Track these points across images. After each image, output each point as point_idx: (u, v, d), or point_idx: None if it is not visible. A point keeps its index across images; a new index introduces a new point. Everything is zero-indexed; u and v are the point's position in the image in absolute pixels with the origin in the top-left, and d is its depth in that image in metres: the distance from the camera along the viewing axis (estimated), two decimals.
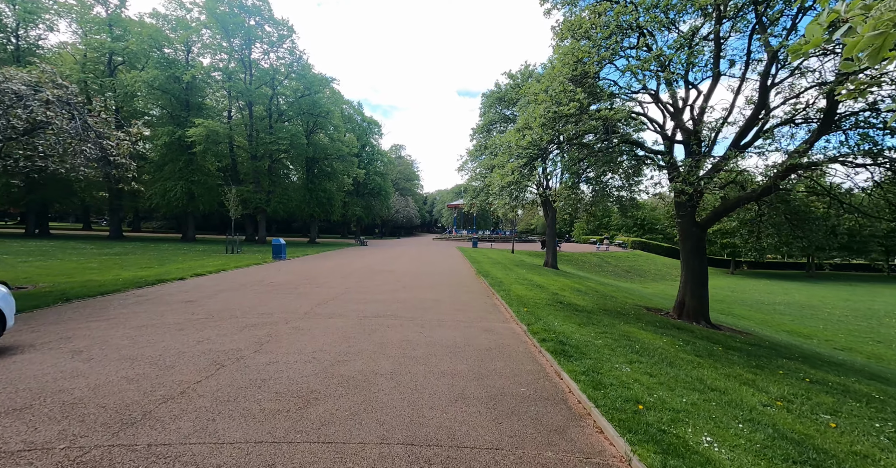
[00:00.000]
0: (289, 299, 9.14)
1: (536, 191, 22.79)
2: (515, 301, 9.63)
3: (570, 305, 9.83)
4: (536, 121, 8.07)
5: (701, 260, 10.64)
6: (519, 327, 7.19)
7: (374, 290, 10.80)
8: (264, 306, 8.25)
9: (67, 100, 9.53)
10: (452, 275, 15.29)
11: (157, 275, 12.60)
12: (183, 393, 3.88)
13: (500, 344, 6.08)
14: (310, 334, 6.18)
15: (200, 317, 7.10)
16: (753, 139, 10.22)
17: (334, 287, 11.24)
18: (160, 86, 30.75)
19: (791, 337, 15.21)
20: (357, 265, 17.92)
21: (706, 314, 10.63)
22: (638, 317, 9.63)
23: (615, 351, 5.79)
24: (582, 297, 11.75)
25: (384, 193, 61.72)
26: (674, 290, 31.92)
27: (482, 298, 10.23)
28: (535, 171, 8.90)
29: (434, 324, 7.10)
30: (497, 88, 23.51)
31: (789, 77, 9.92)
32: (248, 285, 11.22)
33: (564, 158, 9.04)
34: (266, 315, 7.43)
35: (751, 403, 4.23)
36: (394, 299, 9.55)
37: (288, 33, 35.82)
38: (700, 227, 10.58)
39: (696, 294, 10.62)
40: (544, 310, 8.76)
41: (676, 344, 6.93)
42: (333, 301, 9.07)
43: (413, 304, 8.95)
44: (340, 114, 50.62)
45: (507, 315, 8.29)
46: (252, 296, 9.38)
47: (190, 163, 33.00)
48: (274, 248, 20.58)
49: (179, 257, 20.07)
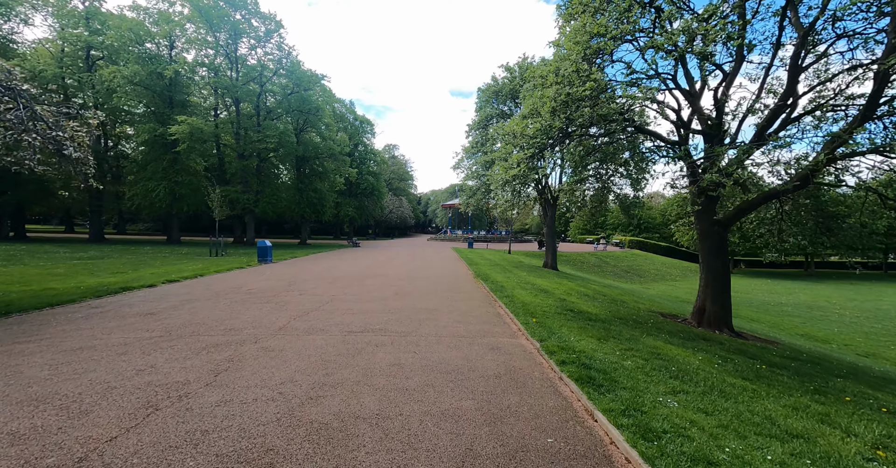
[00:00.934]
0: (265, 310, 8.04)
1: (535, 188, 21.80)
2: (521, 309, 8.61)
3: (582, 314, 8.82)
4: (546, 106, 7.06)
5: (723, 261, 9.69)
6: (530, 343, 6.16)
7: (363, 298, 9.72)
8: (235, 319, 7.15)
9: (10, 85, 8.36)
10: (449, 279, 14.25)
11: (126, 281, 11.43)
12: (82, 460, 2.79)
13: (510, 367, 5.04)
14: (280, 358, 5.10)
15: (155, 336, 5.99)
16: (779, 129, 9.29)
17: (319, 294, 10.15)
18: (141, 81, 29.39)
19: (810, 341, 14.33)
20: (347, 269, 16.82)
21: (729, 321, 9.68)
22: (658, 326, 8.64)
23: (651, 376, 4.78)
24: (591, 304, 10.75)
25: (377, 193, 60.58)
26: (676, 291, 31.13)
27: (484, 306, 9.19)
28: (545, 164, 7.90)
29: (431, 342, 6.04)
30: (494, 82, 22.48)
31: (820, 59, 9.02)
32: (224, 293, 10.10)
33: (573, 150, 7.99)
34: (234, 331, 6.34)
35: (849, 456, 3.23)
36: (385, 309, 8.48)
37: (275, 28, 34.60)
38: (722, 224, 9.62)
39: (718, 299, 9.66)
40: (555, 320, 7.75)
41: (714, 362, 5.94)
42: (316, 312, 7.98)
43: (406, 315, 7.89)
44: (332, 112, 49.40)
45: (513, 327, 7.26)
46: (224, 307, 8.27)
47: (174, 162, 31.65)
48: (259, 251, 19.41)
49: (158, 261, 18.85)
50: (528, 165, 7.80)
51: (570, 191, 10.13)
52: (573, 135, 7.77)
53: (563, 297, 10.93)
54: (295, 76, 35.74)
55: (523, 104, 8.95)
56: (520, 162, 7.71)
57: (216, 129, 33.10)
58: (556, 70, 7.20)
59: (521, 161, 7.70)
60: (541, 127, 7.17)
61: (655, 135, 9.03)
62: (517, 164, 7.73)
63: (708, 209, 9.64)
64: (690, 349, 6.58)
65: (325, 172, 40.55)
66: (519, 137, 7.90)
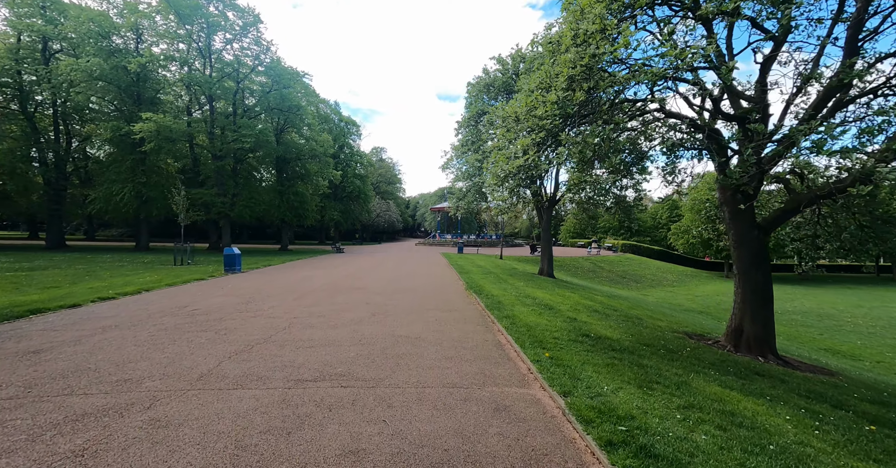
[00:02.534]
0: (196, 343, 6.16)
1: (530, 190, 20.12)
2: (527, 335, 6.87)
3: (601, 340, 7.11)
4: (561, 75, 5.38)
5: (764, 272, 8.07)
6: (550, 399, 4.40)
7: (330, 322, 7.88)
8: (144, 361, 5.26)
9: None
10: (438, 291, 12.46)
11: (47, 300, 9.41)
12: None
13: (530, 453, 3.28)
14: (170, 444, 3.26)
15: (3, 397, 4.10)
16: (829, 115, 7.74)
17: (277, 316, 8.28)
18: (103, 75, 27.10)
19: (839, 358, 12.87)
20: (322, 279, 14.92)
21: (773, 343, 8.06)
22: (696, 356, 6.96)
23: (741, 460, 3.07)
24: (606, 323, 9.06)
25: (364, 197, 58.64)
26: (676, 298, 29.73)
27: (480, 332, 7.42)
28: (560, 150, 6.19)
29: (409, 399, 4.25)
30: (485, 75, 20.81)
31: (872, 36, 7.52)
32: (159, 315, 8.17)
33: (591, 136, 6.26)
34: (128, 384, 4.47)
35: None
36: (354, 338, 6.66)
37: (253, 22, 32.55)
38: (762, 229, 8.03)
39: (758, 317, 8.03)
40: (572, 351, 6.02)
41: (808, 423, 4.26)
42: (262, 345, 6.13)
43: (381, 348, 6.08)
44: (316, 113, 47.47)
45: (522, 366, 5.50)
46: (144, 339, 6.36)
47: (140, 163, 29.35)
48: (226, 259, 17.36)
49: (109, 272, 16.72)
50: (536, 153, 6.08)
51: (578, 189, 8.57)
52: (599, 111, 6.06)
53: (573, 316, 9.22)
54: (274, 73, 33.71)
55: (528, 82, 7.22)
56: (526, 149, 6.00)
57: (189, 127, 30.87)
58: (573, 31, 5.52)
59: (527, 147, 5.98)
60: (556, 100, 5.47)
61: (684, 118, 7.34)
62: (523, 153, 6.02)
63: (745, 211, 8.04)
64: (762, 399, 4.90)
65: (308, 174, 38.50)
66: (524, 120, 6.21)
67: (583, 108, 5.96)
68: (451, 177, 23.40)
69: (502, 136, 7.45)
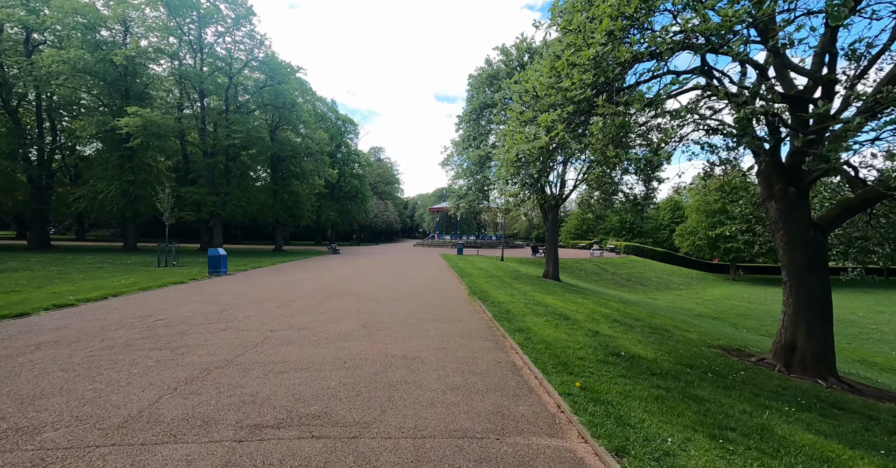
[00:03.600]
0: (142, 367, 4.97)
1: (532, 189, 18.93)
2: (546, 355, 5.70)
3: (636, 361, 5.93)
4: (602, 25, 4.18)
5: (822, 279, 6.90)
6: (598, 460, 3.21)
7: (312, 336, 6.69)
8: (62, 395, 4.06)
9: None
10: (438, 297, 11.28)
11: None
12: None
13: None
14: None
15: None
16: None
17: (251, 329, 7.08)
18: (88, 68, 25.87)
19: (878, 372, 11.73)
20: (312, 283, 13.72)
21: (832, 363, 6.89)
22: (753, 381, 5.79)
23: None
24: (633, 337, 7.88)
25: (361, 197, 57.43)
26: (685, 302, 28.51)
27: (490, 349, 6.24)
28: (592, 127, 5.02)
29: (405, 461, 3.07)
30: (487, 65, 19.60)
31: None
32: (113, 328, 6.97)
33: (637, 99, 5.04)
34: (18, 437, 3.27)
35: None
36: (338, 359, 5.47)
37: (246, 14, 31.33)
38: (820, 230, 6.87)
39: (815, 332, 6.86)
40: (607, 377, 4.86)
41: None
42: (223, 369, 4.94)
43: (369, 376, 4.90)
44: (312, 110, 46.32)
45: (549, 401, 4.32)
46: (79, 361, 5.17)
47: (128, 160, 28.09)
48: (210, 261, 16.16)
49: (83, 274, 15.49)
50: (567, 131, 4.86)
51: (598, 186, 7.47)
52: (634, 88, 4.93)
53: (593, 328, 8.04)
54: (268, 68, 32.49)
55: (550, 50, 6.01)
56: (551, 125, 4.78)
57: (179, 123, 29.63)
58: None
59: (554, 124, 4.77)
60: (595, 56, 4.27)
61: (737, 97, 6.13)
62: (546, 131, 4.83)
63: (799, 208, 6.88)
64: (870, 449, 3.72)
65: (304, 173, 37.27)
66: (546, 95, 5.03)
67: (625, 71, 4.78)
68: (452, 174, 22.23)
69: (516, 119, 6.29)
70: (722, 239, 41.12)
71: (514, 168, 6.35)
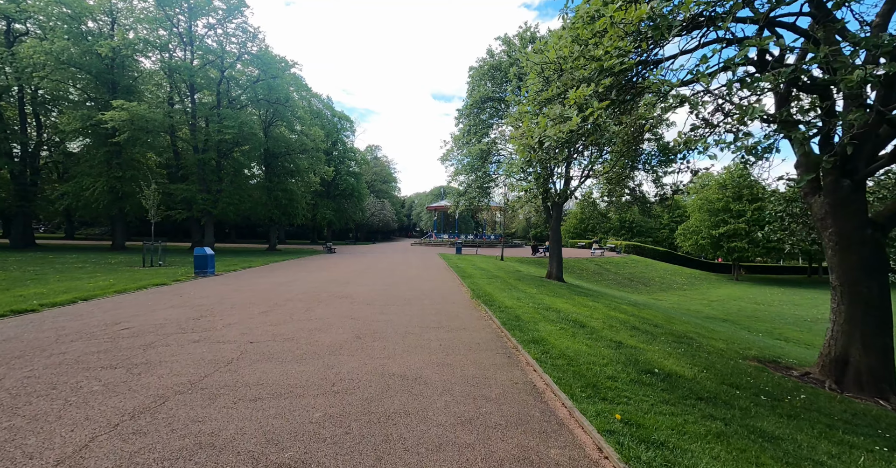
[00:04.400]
0: (85, 392, 4.07)
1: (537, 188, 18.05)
2: (571, 373, 4.85)
3: (674, 380, 5.08)
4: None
5: (881, 285, 6.07)
6: None
7: (297, 349, 5.80)
8: None
9: None
10: (439, 301, 10.41)
11: None
12: None
13: None
14: None
15: None
16: None
17: (228, 340, 6.19)
18: (72, 60, 24.83)
19: None
20: (304, 285, 12.82)
21: (892, 380, 6.06)
22: (814, 406, 4.96)
23: None
24: (660, 349, 7.03)
25: (357, 195, 56.47)
26: (691, 303, 27.70)
27: (503, 366, 5.37)
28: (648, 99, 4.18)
29: None
30: (489, 56, 18.70)
31: None
32: (69, 339, 6.06)
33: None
34: None
35: None
36: (326, 381, 4.59)
37: (238, 4, 30.31)
38: (880, 227, 6.04)
39: (874, 345, 6.03)
40: (647, 405, 4.02)
41: None
42: (184, 395, 4.05)
43: (362, 404, 4.02)
44: (308, 107, 45.30)
45: (586, 441, 3.44)
46: (11, 383, 4.26)
47: (115, 155, 27.04)
48: (196, 261, 15.22)
49: (59, 276, 14.51)
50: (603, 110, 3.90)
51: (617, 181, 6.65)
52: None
53: (614, 338, 7.19)
54: (262, 62, 31.46)
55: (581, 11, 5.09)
56: (585, 102, 3.86)
57: (168, 118, 28.59)
58: None
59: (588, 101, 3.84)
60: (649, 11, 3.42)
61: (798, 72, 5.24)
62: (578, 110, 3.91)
63: (853, 202, 6.05)
64: None
65: (298, 170, 36.33)
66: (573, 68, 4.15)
67: (690, 25, 3.89)
68: (451, 170, 21.33)
69: (533, 98, 5.40)
70: (725, 238, 40.44)
71: (532, 157, 5.47)
